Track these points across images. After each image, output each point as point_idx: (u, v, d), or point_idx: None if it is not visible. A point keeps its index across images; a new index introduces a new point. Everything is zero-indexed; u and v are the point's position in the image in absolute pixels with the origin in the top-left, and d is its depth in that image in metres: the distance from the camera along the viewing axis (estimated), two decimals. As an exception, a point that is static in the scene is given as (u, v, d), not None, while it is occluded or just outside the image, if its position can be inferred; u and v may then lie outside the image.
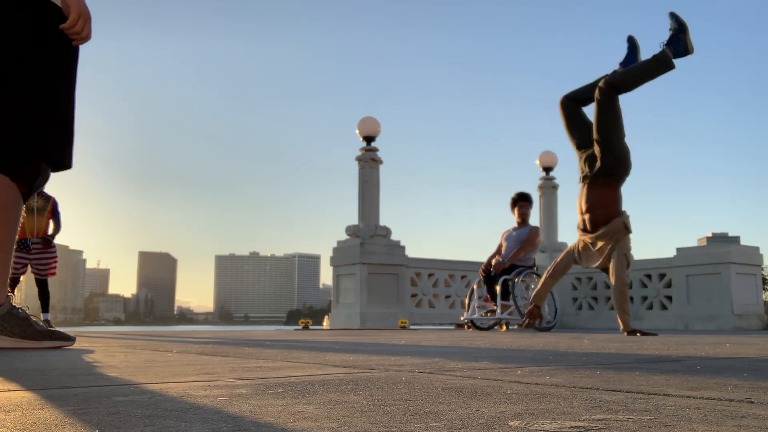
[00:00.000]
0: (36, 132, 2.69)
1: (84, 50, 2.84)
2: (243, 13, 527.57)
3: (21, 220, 7.91)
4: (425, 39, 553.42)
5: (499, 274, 7.48)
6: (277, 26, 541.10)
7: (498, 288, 7.40)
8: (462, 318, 8.13)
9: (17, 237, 8.43)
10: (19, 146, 2.68)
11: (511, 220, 7.95)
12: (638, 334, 5.23)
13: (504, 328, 7.88)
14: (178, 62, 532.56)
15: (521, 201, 7.93)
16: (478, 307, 7.67)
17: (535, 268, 7.75)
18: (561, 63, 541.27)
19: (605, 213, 5.65)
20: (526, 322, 6.34)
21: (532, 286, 7.52)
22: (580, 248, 5.86)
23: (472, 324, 7.67)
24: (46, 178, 2.80)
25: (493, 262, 7.66)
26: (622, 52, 5.83)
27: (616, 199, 5.70)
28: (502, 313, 7.34)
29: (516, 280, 7.30)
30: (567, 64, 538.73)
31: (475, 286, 7.80)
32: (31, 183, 2.74)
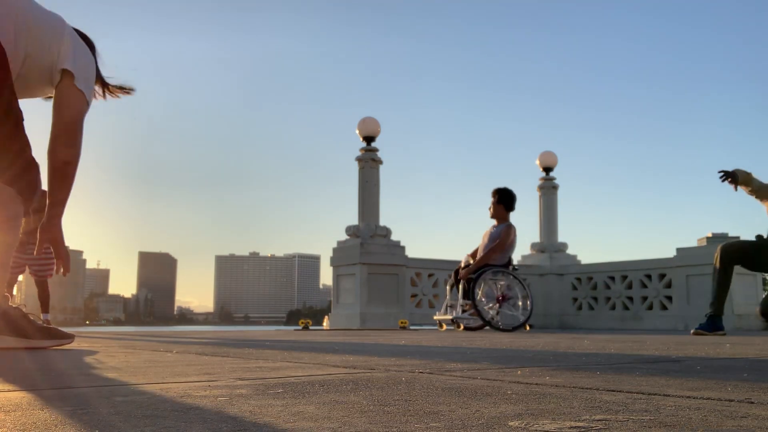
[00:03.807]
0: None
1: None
2: (241, 13, 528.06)
3: None
4: (425, 39, 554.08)
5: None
6: (277, 26, 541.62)
7: (460, 287, 7.33)
8: (435, 317, 8.01)
9: None
10: (31, 171, 2.90)
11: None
12: None
13: (460, 327, 7.69)
14: (178, 62, 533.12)
15: (492, 197, 7.62)
16: (449, 306, 7.58)
17: (511, 267, 7.47)
18: (561, 63, 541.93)
19: None
20: None
21: (502, 282, 7.33)
22: None
23: (448, 322, 7.60)
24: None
25: (462, 263, 7.55)
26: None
27: None
28: (463, 313, 7.27)
29: (479, 279, 7.19)
30: (568, 64, 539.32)
31: (448, 287, 7.72)
32: (31, 202, 2.95)
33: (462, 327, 7.53)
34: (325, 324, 10.52)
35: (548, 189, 12.23)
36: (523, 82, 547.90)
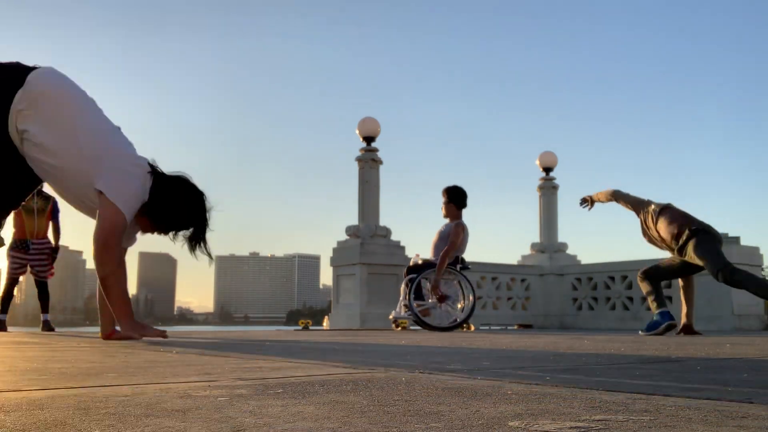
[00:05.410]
0: None
1: (82, 50, 3.05)
2: (240, 12, 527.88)
3: (20, 220, 8.04)
4: (425, 39, 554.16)
5: (409, 272, 7.31)
6: (276, 26, 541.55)
7: (402, 286, 7.31)
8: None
9: (17, 237, 8.43)
10: None
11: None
12: None
13: (398, 327, 7.59)
14: (177, 62, 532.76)
15: (443, 196, 7.44)
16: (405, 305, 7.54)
17: (459, 267, 7.28)
18: (561, 62, 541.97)
19: None
20: None
21: (451, 281, 7.27)
22: None
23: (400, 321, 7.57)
24: None
25: (411, 262, 7.47)
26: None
27: None
28: (404, 312, 7.24)
29: (420, 279, 7.13)
30: (567, 64, 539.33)
31: (402, 285, 7.66)
32: None
33: (400, 327, 7.49)
34: (325, 324, 10.51)
35: (548, 189, 12.23)
36: (523, 81, 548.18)
